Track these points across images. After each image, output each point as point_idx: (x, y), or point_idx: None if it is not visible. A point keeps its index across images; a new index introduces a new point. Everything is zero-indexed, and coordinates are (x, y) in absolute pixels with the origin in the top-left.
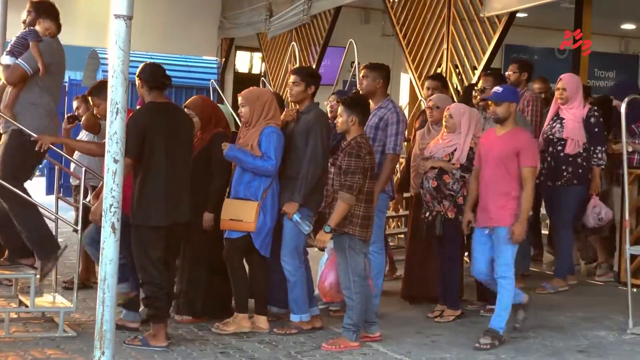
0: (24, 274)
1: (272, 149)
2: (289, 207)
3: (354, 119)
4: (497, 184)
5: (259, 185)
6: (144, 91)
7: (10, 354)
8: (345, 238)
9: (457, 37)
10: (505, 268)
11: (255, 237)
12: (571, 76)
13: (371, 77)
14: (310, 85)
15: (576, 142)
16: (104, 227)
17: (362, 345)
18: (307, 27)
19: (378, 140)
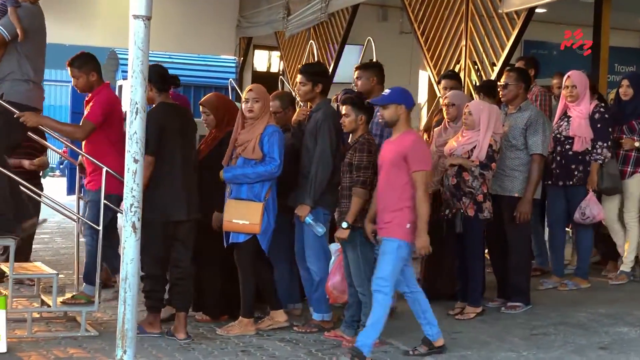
0: (47, 274)
1: (276, 149)
2: (301, 210)
3: (362, 117)
4: (388, 192)
5: (261, 186)
6: (153, 94)
7: (33, 353)
8: (358, 234)
9: (476, 33)
10: (381, 282)
11: (262, 239)
12: (580, 73)
13: (365, 76)
14: (317, 83)
15: (583, 139)
16: (125, 227)
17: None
18: (324, 25)
19: (383, 137)
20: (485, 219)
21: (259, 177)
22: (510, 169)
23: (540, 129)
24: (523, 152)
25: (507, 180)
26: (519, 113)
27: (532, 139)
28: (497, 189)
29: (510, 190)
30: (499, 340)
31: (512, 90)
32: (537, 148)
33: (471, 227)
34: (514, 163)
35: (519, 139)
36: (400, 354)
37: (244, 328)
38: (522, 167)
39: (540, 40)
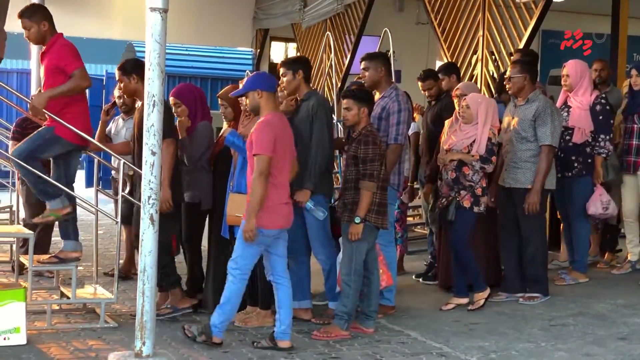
0: (66, 266)
1: None
2: (301, 196)
3: (365, 110)
4: (244, 177)
5: None
6: (139, 86)
7: (53, 345)
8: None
9: (493, 23)
10: (231, 264)
11: None
12: (575, 62)
13: (372, 67)
14: (297, 70)
15: (583, 131)
16: (143, 219)
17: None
18: (341, 17)
19: (382, 131)
20: (480, 213)
21: None
22: (522, 160)
23: (549, 119)
24: (534, 143)
25: (520, 173)
26: (527, 104)
27: (541, 130)
28: (510, 182)
29: (523, 182)
30: (517, 332)
31: (517, 82)
32: (546, 139)
33: (463, 217)
34: (525, 155)
35: (528, 130)
36: (418, 345)
37: (261, 320)
38: (534, 158)
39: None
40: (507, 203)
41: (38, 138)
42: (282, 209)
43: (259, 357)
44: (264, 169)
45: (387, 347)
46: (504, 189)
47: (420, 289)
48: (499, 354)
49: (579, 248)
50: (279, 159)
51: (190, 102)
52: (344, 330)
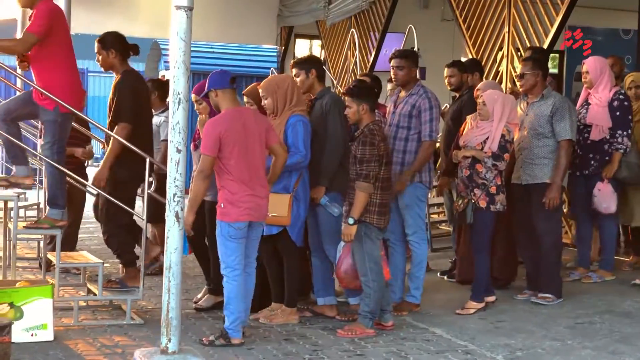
0: (92, 263)
1: (300, 139)
2: (316, 192)
3: (364, 107)
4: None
5: (289, 177)
6: (117, 61)
7: (80, 341)
8: (362, 226)
9: (519, 19)
10: (222, 264)
11: (291, 230)
12: (594, 59)
13: (407, 66)
14: (310, 69)
15: (601, 128)
16: (168, 217)
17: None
18: (366, 14)
19: (413, 128)
20: (497, 212)
21: (287, 169)
22: (540, 157)
23: (567, 114)
24: (551, 139)
25: (537, 169)
26: (542, 101)
27: (560, 125)
28: (528, 178)
29: (541, 177)
30: (544, 329)
31: (529, 79)
32: (566, 134)
33: (481, 218)
34: (542, 151)
35: (545, 126)
36: (443, 342)
37: (287, 317)
38: (551, 154)
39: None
40: (523, 200)
41: (54, 129)
42: (247, 201)
43: (283, 353)
44: (203, 167)
45: (412, 345)
46: (520, 187)
47: (445, 286)
48: (525, 351)
49: (606, 246)
50: (232, 155)
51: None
52: (368, 328)
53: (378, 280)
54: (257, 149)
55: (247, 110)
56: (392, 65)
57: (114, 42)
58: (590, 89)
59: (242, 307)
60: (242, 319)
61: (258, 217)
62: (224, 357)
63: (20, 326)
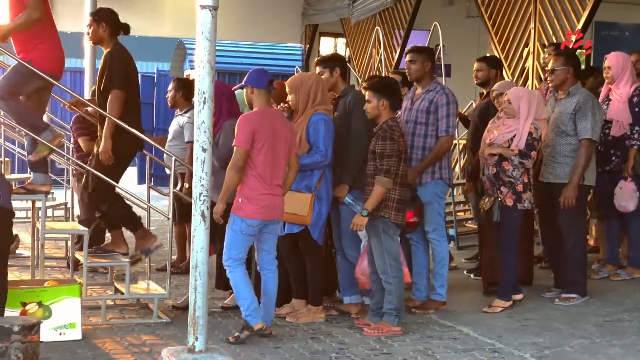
0: (119, 262)
1: (320, 138)
2: (339, 191)
3: (385, 102)
4: None
5: (311, 176)
6: (106, 35)
7: (107, 340)
8: (379, 222)
9: (545, 15)
10: (224, 255)
11: (313, 229)
12: (617, 54)
13: (419, 60)
14: (335, 68)
15: (621, 124)
16: (194, 216)
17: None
18: (390, 11)
19: (431, 125)
20: (525, 210)
21: (308, 167)
22: (562, 155)
23: (590, 112)
24: (574, 137)
25: (559, 167)
26: (567, 98)
27: (581, 124)
28: (549, 177)
29: (562, 177)
30: (572, 327)
31: (560, 75)
32: (586, 133)
33: (508, 216)
34: (565, 149)
35: (568, 124)
36: (470, 340)
37: (312, 315)
38: (574, 153)
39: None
40: (546, 199)
41: (16, 74)
42: (263, 200)
43: (310, 352)
44: (236, 160)
45: (438, 343)
46: (543, 185)
47: (472, 284)
48: (553, 350)
49: (635, 243)
50: (261, 152)
51: (215, 99)
52: (394, 326)
53: (398, 276)
54: (282, 150)
55: (277, 112)
56: (406, 61)
57: (107, 17)
58: (612, 84)
59: (251, 293)
60: (256, 304)
61: (273, 216)
62: (250, 356)
63: (49, 325)
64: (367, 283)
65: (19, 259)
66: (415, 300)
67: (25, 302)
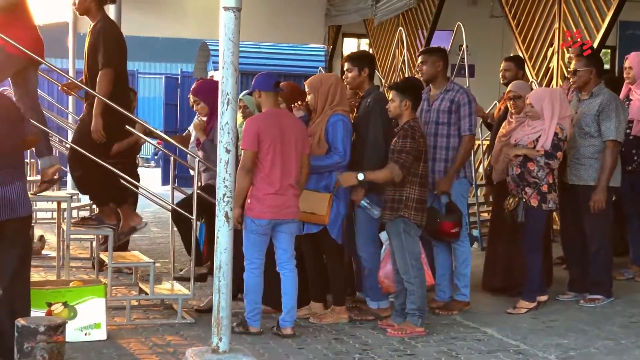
0: (144, 263)
1: (339, 138)
2: (356, 194)
3: (407, 103)
4: None
5: (329, 176)
6: (92, 6)
7: (132, 340)
8: (400, 222)
9: (569, 15)
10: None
11: (331, 228)
12: (637, 54)
13: (430, 61)
14: (364, 68)
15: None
16: (218, 217)
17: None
18: (414, 12)
19: (453, 124)
20: (549, 210)
21: (325, 169)
22: (586, 157)
23: (614, 113)
24: (597, 139)
25: (583, 169)
26: (591, 99)
27: (605, 125)
28: (573, 179)
29: (586, 179)
30: (597, 329)
31: (583, 76)
32: (611, 134)
33: (533, 217)
34: (588, 151)
35: (592, 125)
36: (494, 342)
37: (336, 316)
38: (597, 154)
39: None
40: (570, 201)
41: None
42: (271, 199)
43: (333, 353)
44: (244, 162)
45: (462, 344)
46: (566, 186)
47: None
48: (578, 351)
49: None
50: (268, 153)
51: (209, 99)
52: (418, 327)
53: (420, 276)
54: (292, 150)
55: (285, 113)
56: (417, 63)
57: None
58: (632, 84)
59: (259, 299)
60: (259, 310)
61: (284, 216)
62: (274, 357)
63: (74, 325)
64: (391, 287)
65: (44, 259)
66: (438, 302)
67: (51, 303)
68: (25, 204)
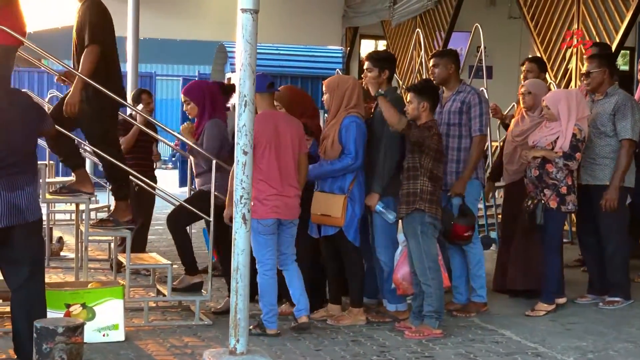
0: (161, 265)
1: (351, 141)
2: (370, 199)
3: (425, 104)
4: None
5: (344, 178)
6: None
7: (150, 341)
8: (417, 217)
9: (588, 16)
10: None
11: (347, 230)
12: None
13: (442, 64)
14: (384, 69)
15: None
16: (235, 219)
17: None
18: (431, 13)
19: (464, 125)
20: (568, 212)
21: (339, 172)
22: (601, 157)
23: (629, 112)
24: (613, 138)
25: (598, 169)
26: (605, 99)
27: (621, 124)
28: (588, 179)
29: (602, 179)
30: (616, 331)
31: (596, 77)
32: (626, 133)
33: (552, 219)
34: (604, 151)
35: (607, 125)
36: (512, 344)
37: (354, 318)
38: (613, 154)
39: None
40: (585, 201)
41: None
42: (273, 200)
43: (351, 355)
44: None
45: (481, 347)
46: (581, 187)
47: None
48: (596, 354)
49: None
50: (264, 155)
51: (198, 99)
52: (435, 329)
53: (437, 278)
54: (289, 151)
55: (280, 114)
56: (430, 66)
57: None
58: None
59: (274, 300)
60: (275, 312)
61: (287, 215)
62: (291, 358)
63: (92, 326)
64: (408, 288)
65: (63, 260)
66: (456, 304)
67: (70, 304)
68: (34, 209)
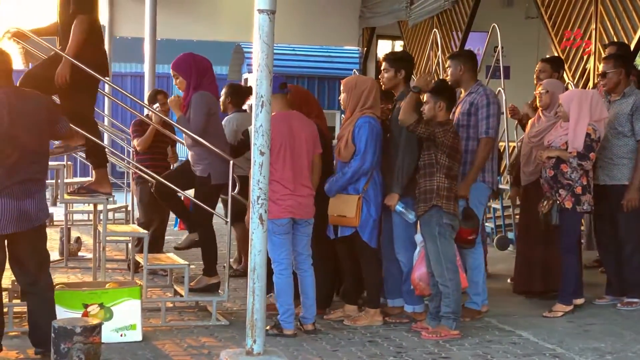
0: (178, 265)
1: (363, 140)
2: (390, 200)
3: (442, 104)
4: None
5: (358, 179)
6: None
7: (167, 341)
8: (434, 216)
9: (606, 15)
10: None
11: (362, 231)
12: None
13: (453, 65)
14: (400, 69)
15: None
16: (252, 219)
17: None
18: (448, 13)
19: (472, 127)
20: (584, 212)
21: (354, 179)
22: (619, 157)
23: None
24: (631, 138)
25: (616, 169)
26: (623, 99)
27: (639, 124)
28: (606, 179)
29: (620, 178)
30: (634, 333)
31: (613, 77)
32: None
33: (567, 219)
34: (622, 151)
35: (625, 125)
36: (530, 345)
37: (370, 318)
38: (631, 154)
39: None
40: (602, 202)
41: None
42: (286, 200)
43: (367, 355)
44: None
45: (498, 348)
46: (598, 187)
47: None
48: (614, 355)
49: None
50: (279, 156)
51: (187, 73)
52: (453, 330)
53: (455, 279)
54: (303, 151)
55: (294, 114)
56: (446, 67)
57: None
58: None
59: (290, 300)
60: (292, 312)
61: (301, 215)
62: (308, 359)
63: (110, 327)
64: (425, 289)
65: (81, 261)
66: None
67: (87, 304)
68: (41, 214)
